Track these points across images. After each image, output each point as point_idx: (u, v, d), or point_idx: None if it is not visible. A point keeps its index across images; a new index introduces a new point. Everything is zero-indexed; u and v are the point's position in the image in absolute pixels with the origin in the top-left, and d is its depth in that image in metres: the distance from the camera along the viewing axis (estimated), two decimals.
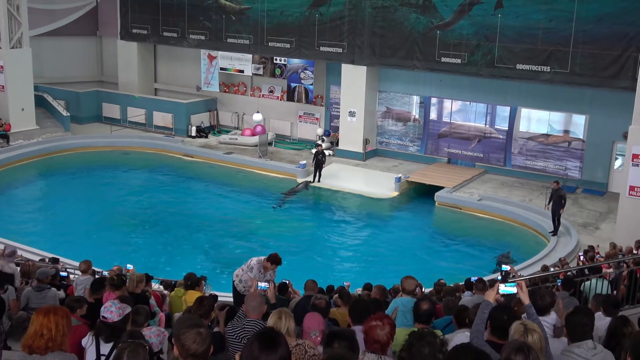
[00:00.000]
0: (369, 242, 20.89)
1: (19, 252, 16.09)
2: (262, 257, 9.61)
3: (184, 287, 9.80)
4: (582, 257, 14.07)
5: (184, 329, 4.04)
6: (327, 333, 4.68)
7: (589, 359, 4.83)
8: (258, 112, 28.89)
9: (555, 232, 19.42)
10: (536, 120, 24.66)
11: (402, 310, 6.80)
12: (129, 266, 11.67)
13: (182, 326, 4.16)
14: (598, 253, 14.90)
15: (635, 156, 17.56)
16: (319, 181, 24.54)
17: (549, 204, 19.63)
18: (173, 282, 12.74)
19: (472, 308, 6.34)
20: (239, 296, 9.78)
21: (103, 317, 5.60)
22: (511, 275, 11.05)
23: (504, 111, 25.11)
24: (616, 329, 5.49)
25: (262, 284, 6.98)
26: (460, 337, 5.73)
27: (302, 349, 4.74)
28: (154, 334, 5.52)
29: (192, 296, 9.23)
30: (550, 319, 6.46)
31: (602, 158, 23.35)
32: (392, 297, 9.19)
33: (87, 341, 5.66)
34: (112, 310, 5.61)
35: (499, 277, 10.81)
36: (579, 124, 23.86)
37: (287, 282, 11.06)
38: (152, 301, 9.19)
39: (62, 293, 9.83)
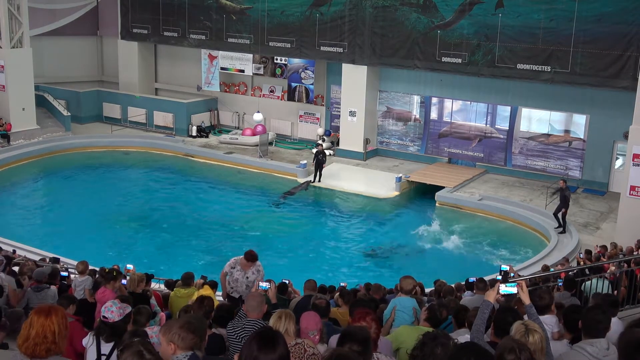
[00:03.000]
0: (369, 242, 20.86)
1: (20, 252, 16.13)
2: (239, 257, 10.02)
3: (201, 283, 9.86)
4: (581, 256, 14.07)
5: (173, 323, 4.07)
6: (341, 332, 4.64)
7: (600, 359, 4.79)
8: (258, 111, 28.89)
9: (563, 230, 19.36)
10: (537, 120, 24.65)
11: (400, 309, 6.81)
12: (129, 266, 11.65)
13: (171, 322, 4.17)
14: (600, 252, 14.87)
15: (635, 156, 17.55)
16: (319, 181, 24.53)
17: (562, 208, 19.31)
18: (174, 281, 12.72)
19: (472, 310, 6.34)
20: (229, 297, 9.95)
21: (104, 317, 5.58)
22: (510, 275, 11.03)
23: (504, 111, 25.09)
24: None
25: (263, 284, 6.98)
26: (460, 338, 5.72)
27: (301, 348, 4.73)
28: (155, 333, 5.52)
29: (206, 291, 9.44)
30: (549, 321, 6.44)
31: (603, 158, 23.33)
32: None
33: (88, 341, 5.65)
34: (112, 310, 5.60)
35: (498, 277, 10.81)
36: (579, 123, 23.85)
37: (287, 282, 11.06)
38: (153, 301, 9.19)
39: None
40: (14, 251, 15.79)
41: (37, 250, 17.12)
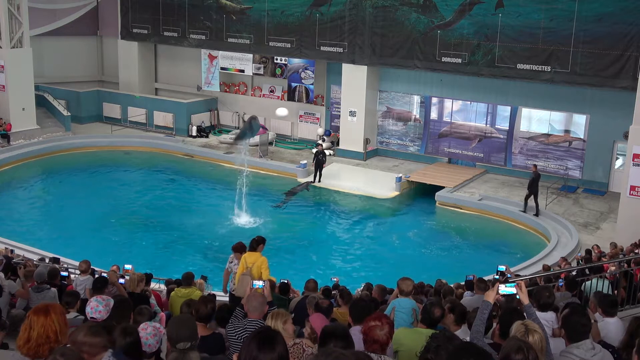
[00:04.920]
0: (369, 242, 20.88)
1: (19, 252, 16.13)
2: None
3: (248, 248, 9.96)
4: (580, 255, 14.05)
5: (76, 334, 4.11)
6: (321, 331, 4.61)
7: (588, 359, 4.82)
8: (282, 107, 27.60)
9: (537, 214, 20.73)
10: (537, 120, 24.65)
11: (399, 310, 6.81)
12: (128, 266, 11.65)
13: (74, 334, 4.17)
14: (600, 252, 14.87)
15: (635, 156, 17.55)
16: (319, 181, 24.54)
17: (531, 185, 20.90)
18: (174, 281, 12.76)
19: (472, 312, 6.34)
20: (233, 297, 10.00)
21: (92, 318, 5.55)
22: (507, 275, 11.02)
23: (504, 111, 25.09)
24: (635, 330, 5.44)
25: (258, 283, 6.95)
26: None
27: (299, 348, 4.74)
28: (150, 334, 5.50)
29: (251, 257, 9.49)
30: (548, 317, 6.45)
31: (603, 158, 23.33)
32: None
33: None
34: (100, 309, 5.54)
35: (496, 277, 10.81)
36: (579, 123, 23.84)
37: (286, 282, 11.05)
38: (153, 300, 9.20)
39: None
40: (12, 251, 15.79)
41: (37, 250, 17.12)
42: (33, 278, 9.52)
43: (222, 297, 11.06)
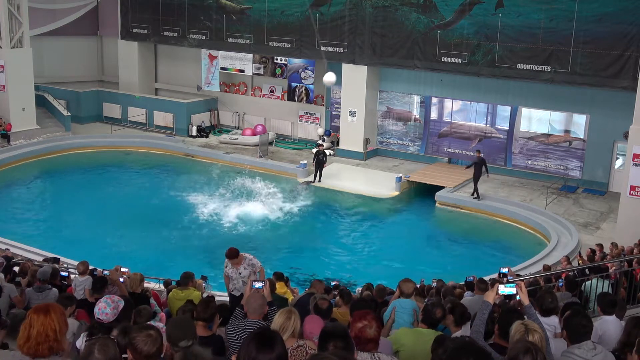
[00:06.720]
0: (369, 242, 20.87)
1: (19, 252, 16.13)
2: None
3: (277, 279, 10.56)
4: (584, 257, 14.04)
5: (133, 333, 4.09)
6: (321, 332, 4.58)
7: (589, 359, 4.82)
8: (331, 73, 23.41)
9: (477, 197, 22.05)
10: (537, 120, 24.65)
11: (400, 311, 6.83)
12: (124, 269, 11.63)
13: (131, 330, 4.18)
14: (600, 252, 14.86)
15: (636, 156, 17.54)
16: (319, 181, 24.53)
17: (470, 167, 22.33)
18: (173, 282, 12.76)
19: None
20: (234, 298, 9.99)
21: (98, 319, 5.54)
22: (508, 277, 11.01)
23: (504, 111, 25.09)
24: (633, 330, 5.45)
25: (258, 284, 6.94)
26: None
27: (302, 351, 4.73)
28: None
29: (283, 288, 9.97)
30: (551, 321, 6.45)
31: (603, 158, 23.32)
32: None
33: (81, 342, 5.62)
34: (107, 312, 5.55)
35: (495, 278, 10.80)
36: (579, 123, 23.84)
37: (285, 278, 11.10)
38: (152, 300, 9.21)
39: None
40: (7, 249, 15.79)
41: (36, 250, 17.12)
42: (36, 277, 9.52)
43: (222, 297, 11.06)
